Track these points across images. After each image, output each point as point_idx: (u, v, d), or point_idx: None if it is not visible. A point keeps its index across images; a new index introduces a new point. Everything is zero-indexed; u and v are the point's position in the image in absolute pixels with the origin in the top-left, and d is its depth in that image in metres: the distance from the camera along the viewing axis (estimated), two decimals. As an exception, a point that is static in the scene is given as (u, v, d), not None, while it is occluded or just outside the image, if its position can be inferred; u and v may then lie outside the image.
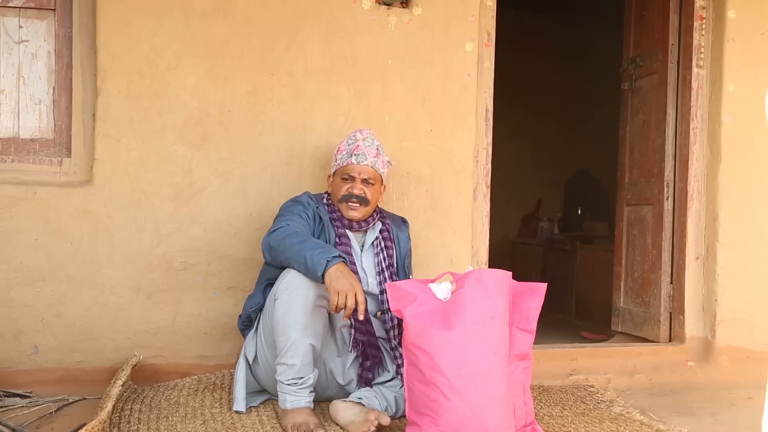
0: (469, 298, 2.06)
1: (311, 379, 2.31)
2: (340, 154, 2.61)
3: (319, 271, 2.20)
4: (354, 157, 2.56)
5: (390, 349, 2.54)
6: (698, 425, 2.57)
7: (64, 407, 2.51)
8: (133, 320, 2.81)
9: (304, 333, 2.27)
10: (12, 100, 2.83)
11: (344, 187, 2.56)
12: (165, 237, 2.83)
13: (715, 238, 3.38)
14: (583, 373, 3.17)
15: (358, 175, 2.55)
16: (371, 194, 2.57)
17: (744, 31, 3.37)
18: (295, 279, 2.28)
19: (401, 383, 2.39)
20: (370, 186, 2.57)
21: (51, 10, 2.84)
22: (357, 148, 2.57)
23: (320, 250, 2.24)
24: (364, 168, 2.56)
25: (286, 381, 2.29)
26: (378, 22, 3.02)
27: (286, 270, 2.33)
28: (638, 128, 3.79)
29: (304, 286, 2.27)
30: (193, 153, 2.86)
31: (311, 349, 2.29)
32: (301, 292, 2.26)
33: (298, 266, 2.27)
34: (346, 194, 2.55)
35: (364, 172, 2.56)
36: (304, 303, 2.26)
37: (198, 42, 2.86)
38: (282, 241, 2.34)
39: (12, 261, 2.71)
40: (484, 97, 3.20)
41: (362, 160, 2.56)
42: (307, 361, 2.29)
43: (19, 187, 2.73)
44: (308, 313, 2.27)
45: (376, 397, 2.39)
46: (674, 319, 3.47)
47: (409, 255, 2.76)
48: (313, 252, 2.24)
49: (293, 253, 2.29)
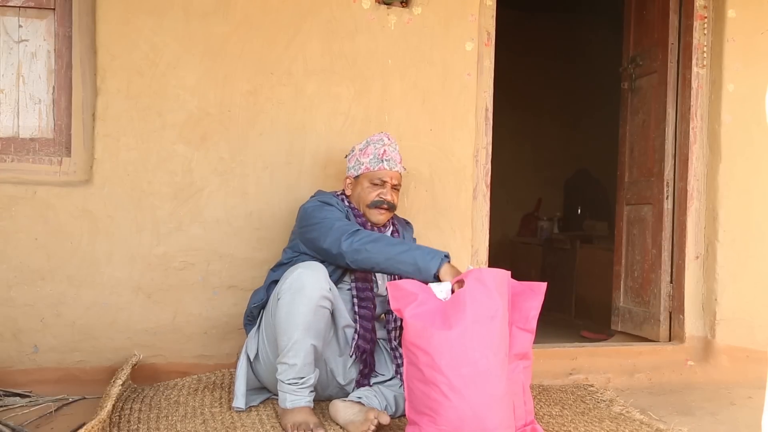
0: (469, 298, 2.06)
1: (312, 379, 2.31)
2: (367, 157, 2.58)
3: (433, 270, 2.23)
4: (385, 162, 2.56)
5: (390, 350, 2.54)
6: (698, 424, 2.57)
7: (63, 407, 2.51)
8: (132, 320, 2.81)
9: (306, 333, 2.26)
10: (12, 100, 2.83)
11: (375, 192, 2.55)
12: (165, 236, 2.83)
13: (715, 238, 3.38)
14: (583, 373, 3.17)
15: (390, 180, 2.56)
16: (397, 199, 2.62)
17: (744, 30, 3.37)
18: (298, 279, 2.28)
19: (401, 382, 2.39)
20: (397, 192, 2.61)
21: (51, 10, 2.84)
22: (385, 153, 2.57)
23: (427, 251, 2.29)
24: (395, 174, 2.58)
25: (287, 380, 2.29)
26: (378, 21, 3.02)
27: (290, 269, 2.33)
28: (638, 127, 3.79)
29: (309, 286, 2.26)
30: (193, 152, 2.86)
31: (313, 349, 2.29)
32: (305, 293, 2.26)
33: (405, 267, 2.28)
34: (378, 200, 2.55)
35: (395, 177, 2.58)
36: (308, 303, 2.26)
37: (198, 41, 2.86)
38: (371, 244, 2.33)
39: (12, 260, 2.72)
40: (483, 97, 3.20)
41: (393, 166, 2.57)
42: (308, 362, 2.28)
43: (18, 187, 2.73)
44: (311, 314, 2.26)
45: (376, 396, 2.38)
46: (674, 318, 3.47)
47: None
48: (421, 252, 2.28)
49: (394, 254, 2.30)
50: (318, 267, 2.33)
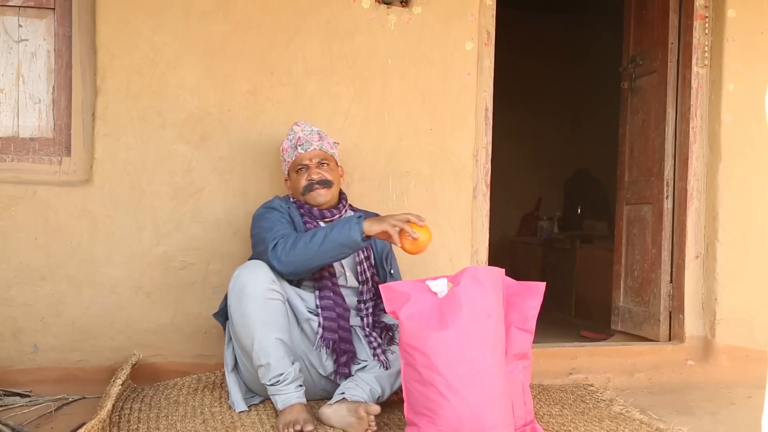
0: (464, 296, 2.05)
1: (292, 373, 2.28)
2: (286, 152, 2.63)
3: (359, 238, 2.26)
4: (300, 147, 2.58)
5: (364, 336, 2.51)
6: (698, 424, 2.57)
7: (63, 406, 2.51)
8: (132, 319, 2.81)
9: (266, 329, 2.26)
10: (11, 99, 2.83)
11: (302, 177, 2.57)
12: (164, 236, 2.83)
13: (715, 237, 3.38)
14: (583, 372, 3.17)
15: (310, 161, 2.57)
16: (330, 174, 2.59)
17: (744, 29, 3.37)
18: (238, 280, 2.30)
19: (379, 363, 2.39)
20: (325, 166, 2.59)
21: (50, 9, 2.84)
22: (298, 139, 2.59)
23: (341, 225, 2.29)
24: (313, 153, 2.58)
25: (269, 382, 2.28)
26: (378, 21, 3.02)
27: (234, 275, 2.34)
28: (638, 127, 3.79)
29: (250, 284, 2.27)
30: (193, 152, 2.86)
31: (279, 343, 2.27)
32: (247, 291, 2.27)
33: (334, 252, 2.31)
34: (307, 183, 2.56)
35: (315, 156, 2.58)
36: (254, 300, 2.26)
37: (198, 41, 2.86)
38: (292, 251, 2.32)
39: (12, 260, 2.72)
40: (483, 96, 3.20)
41: (308, 147, 2.58)
42: (279, 356, 2.26)
43: (18, 187, 2.73)
44: (263, 310, 2.26)
45: (358, 385, 2.33)
46: (674, 318, 3.47)
47: (390, 254, 2.72)
48: (338, 230, 2.28)
49: (317, 249, 2.30)
50: (256, 264, 2.34)
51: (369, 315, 2.54)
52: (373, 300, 2.58)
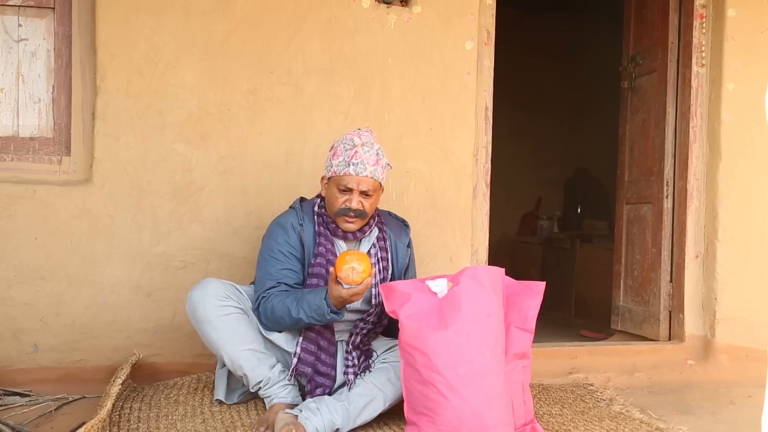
0: (464, 296, 2.06)
1: (272, 377, 2.32)
2: (336, 159, 2.36)
3: (326, 311, 2.20)
4: (352, 167, 2.32)
5: (344, 351, 2.41)
6: (698, 423, 2.57)
7: (63, 406, 2.51)
8: (132, 319, 2.81)
9: (230, 344, 2.29)
10: (11, 99, 2.83)
11: (341, 199, 2.34)
12: (164, 235, 2.83)
13: (715, 237, 3.38)
14: (583, 372, 3.17)
15: (357, 187, 2.33)
16: (369, 206, 2.37)
17: (744, 29, 3.37)
18: (190, 303, 2.31)
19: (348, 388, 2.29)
20: (368, 198, 2.36)
21: (50, 9, 2.83)
22: (355, 155, 2.33)
23: (308, 302, 2.23)
24: (363, 179, 2.33)
25: (253, 388, 2.34)
26: (377, 20, 3.02)
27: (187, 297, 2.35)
28: (638, 127, 3.79)
29: (199, 306, 2.29)
30: (193, 151, 2.86)
31: (249, 353, 2.31)
32: (198, 314, 2.30)
33: (307, 325, 2.30)
34: (344, 208, 2.34)
35: (363, 183, 2.33)
36: (209, 320, 2.29)
37: (197, 40, 2.85)
38: (274, 316, 2.31)
39: (11, 260, 2.72)
40: (483, 96, 3.20)
41: (361, 171, 2.32)
42: (253, 366, 2.30)
43: (18, 186, 2.73)
44: (219, 327, 2.29)
45: (320, 410, 2.17)
46: (674, 317, 3.47)
47: (410, 265, 2.58)
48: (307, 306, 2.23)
49: (289, 321, 2.28)
50: (206, 283, 2.33)
51: (359, 334, 2.42)
52: (374, 323, 2.44)
